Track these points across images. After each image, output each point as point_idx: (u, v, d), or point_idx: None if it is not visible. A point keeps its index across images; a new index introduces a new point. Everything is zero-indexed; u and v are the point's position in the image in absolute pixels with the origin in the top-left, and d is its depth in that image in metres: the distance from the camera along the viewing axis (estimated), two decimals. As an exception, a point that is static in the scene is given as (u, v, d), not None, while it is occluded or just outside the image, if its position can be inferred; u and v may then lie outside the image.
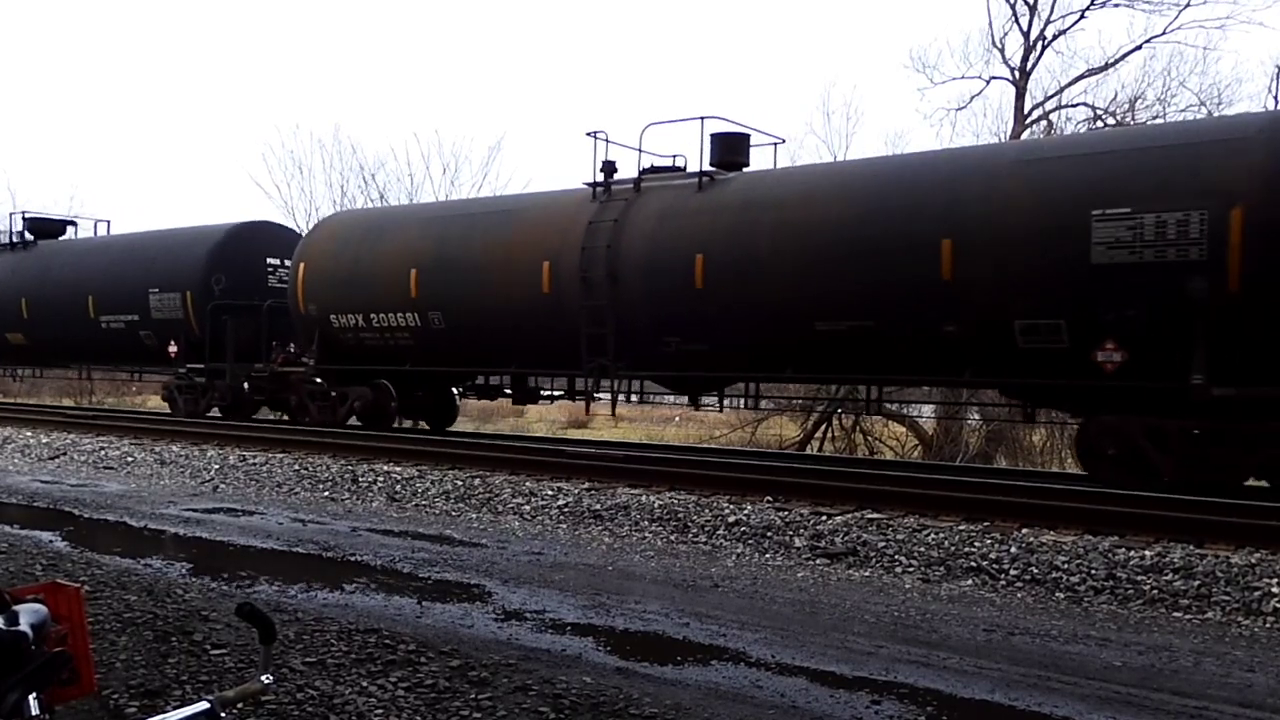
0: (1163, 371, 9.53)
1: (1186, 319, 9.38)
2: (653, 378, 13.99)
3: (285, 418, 17.02)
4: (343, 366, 16.13)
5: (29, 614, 1.87)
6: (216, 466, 12.46)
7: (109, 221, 23.93)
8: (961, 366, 10.97)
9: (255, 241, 18.87)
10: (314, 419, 16.26)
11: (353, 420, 16.35)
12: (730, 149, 13.49)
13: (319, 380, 16.27)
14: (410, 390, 16.20)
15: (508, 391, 16.26)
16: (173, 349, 18.52)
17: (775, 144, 14.03)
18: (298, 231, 20.69)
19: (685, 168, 13.75)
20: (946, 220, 10.61)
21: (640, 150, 13.80)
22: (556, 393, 16.23)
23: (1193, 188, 9.40)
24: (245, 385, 17.68)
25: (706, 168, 13.17)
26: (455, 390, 17.28)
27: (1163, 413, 9.71)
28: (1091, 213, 9.80)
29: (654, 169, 13.95)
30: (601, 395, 14.60)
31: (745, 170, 13.36)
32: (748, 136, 13.67)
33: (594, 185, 13.86)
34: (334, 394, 16.18)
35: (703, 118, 13.21)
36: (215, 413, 18.35)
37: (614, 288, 12.94)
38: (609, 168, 13.96)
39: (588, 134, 14.28)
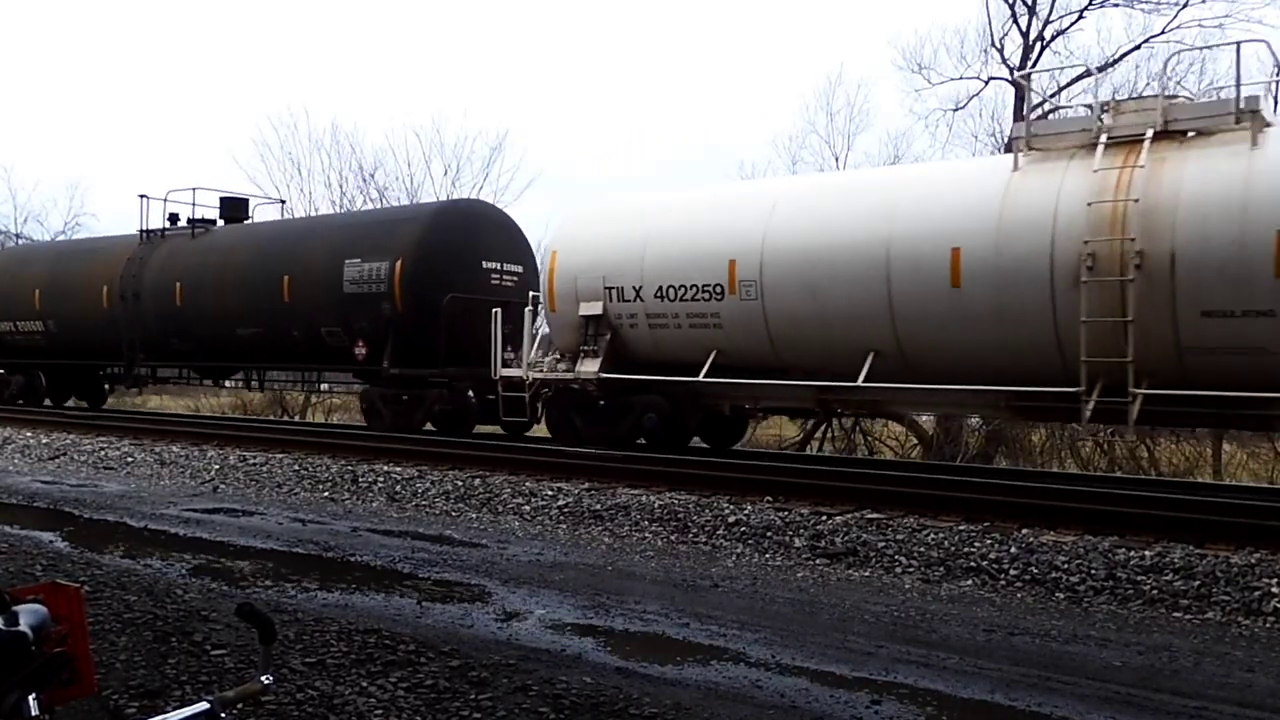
0: (378, 359, 15.55)
1: (385, 327, 15.43)
2: (167, 367, 20.57)
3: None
4: (7, 360, 22.59)
5: (29, 614, 1.86)
6: (216, 467, 12.46)
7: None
8: (304, 357, 17.30)
9: None
10: None
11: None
12: (233, 208, 19.96)
13: (2, 371, 22.77)
14: (62, 377, 22.22)
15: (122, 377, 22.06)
16: None
17: (280, 203, 20.90)
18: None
19: (215, 222, 19.71)
20: (286, 263, 16.71)
21: (161, 199, 20.25)
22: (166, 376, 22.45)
23: (385, 247, 15.60)
24: None
25: (212, 220, 19.64)
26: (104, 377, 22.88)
27: (382, 385, 15.70)
28: (345, 260, 15.90)
29: (196, 220, 19.69)
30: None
31: (217, 227, 19.47)
32: (247, 200, 20.41)
33: (142, 233, 19.95)
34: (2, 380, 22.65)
35: (194, 188, 20.00)
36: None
37: (139, 304, 19.00)
38: (174, 218, 19.77)
39: (140, 195, 20.99)
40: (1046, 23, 23.15)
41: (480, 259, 15.74)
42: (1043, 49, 23.35)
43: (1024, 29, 23.26)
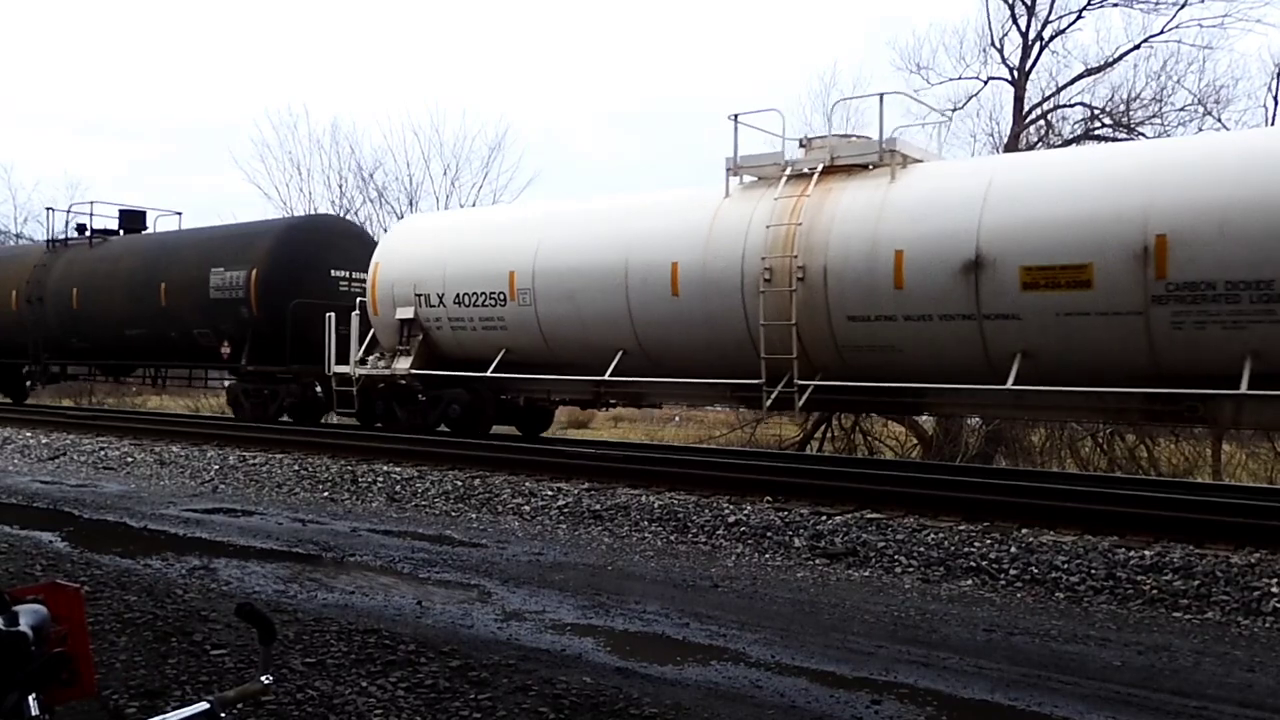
0: (239, 358, 17.59)
1: (244, 329, 17.47)
2: (68, 364, 22.26)
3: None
4: None
5: (29, 614, 1.86)
6: (216, 467, 12.46)
7: None
8: (182, 356, 19.42)
9: None
10: None
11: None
12: (131, 220, 22.16)
13: None
14: None
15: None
16: None
17: (177, 215, 22.20)
18: None
19: (117, 232, 21.82)
20: (164, 271, 18.82)
21: (64, 210, 22.63)
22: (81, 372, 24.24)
23: (244, 257, 17.56)
24: None
25: (114, 230, 21.80)
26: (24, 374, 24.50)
27: (243, 380, 17.94)
28: (211, 269, 17.91)
29: (103, 230, 21.85)
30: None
31: (117, 237, 21.60)
32: (144, 213, 22.34)
33: (48, 242, 22.31)
34: None
35: (92, 202, 22.29)
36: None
37: (43, 308, 21.09)
38: (81, 228, 21.87)
39: (47, 208, 23.51)
40: (1046, 23, 23.12)
41: (329, 268, 17.68)
42: (1042, 49, 23.32)
43: (1023, 29, 23.24)
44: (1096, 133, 22.58)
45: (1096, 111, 23.09)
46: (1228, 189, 9.03)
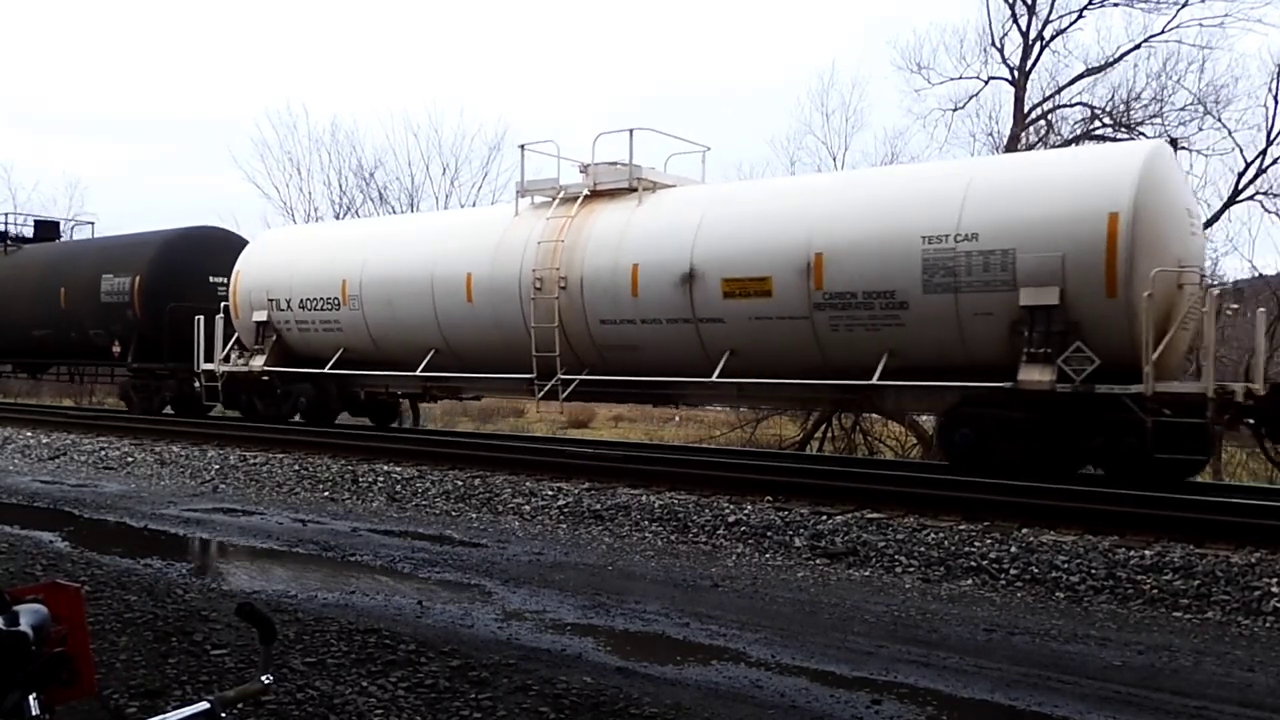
0: (127, 356, 19.22)
1: (130, 330, 19.22)
2: None
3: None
4: None
5: (29, 614, 1.86)
6: (216, 467, 12.46)
7: None
8: (81, 354, 21.06)
9: None
10: None
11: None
12: (45, 229, 24.64)
13: None
14: None
15: None
16: None
17: (90, 224, 24.77)
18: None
19: (55, 237, 24.23)
20: (65, 277, 20.61)
21: None
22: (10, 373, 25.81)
23: (130, 265, 19.24)
24: None
25: (30, 238, 24.24)
26: None
27: (132, 376, 19.59)
28: (102, 275, 19.63)
29: (19, 238, 24.05)
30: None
31: (32, 245, 23.61)
32: (58, 222, 24.90)
33: None
34: None
35: (7, 213, 24.48)
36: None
37: None
38: (3, 236, 23.97)
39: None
40: (1046, 22, 23.09)
41: (208, 274, 19.24)
42: (1043, 48, 23.29)
43: (1024, 28, 23.21)
44: (1097, 133, 22.56)
45: (1097, 111, 23.08)
46: (865, 217, 11.04)
